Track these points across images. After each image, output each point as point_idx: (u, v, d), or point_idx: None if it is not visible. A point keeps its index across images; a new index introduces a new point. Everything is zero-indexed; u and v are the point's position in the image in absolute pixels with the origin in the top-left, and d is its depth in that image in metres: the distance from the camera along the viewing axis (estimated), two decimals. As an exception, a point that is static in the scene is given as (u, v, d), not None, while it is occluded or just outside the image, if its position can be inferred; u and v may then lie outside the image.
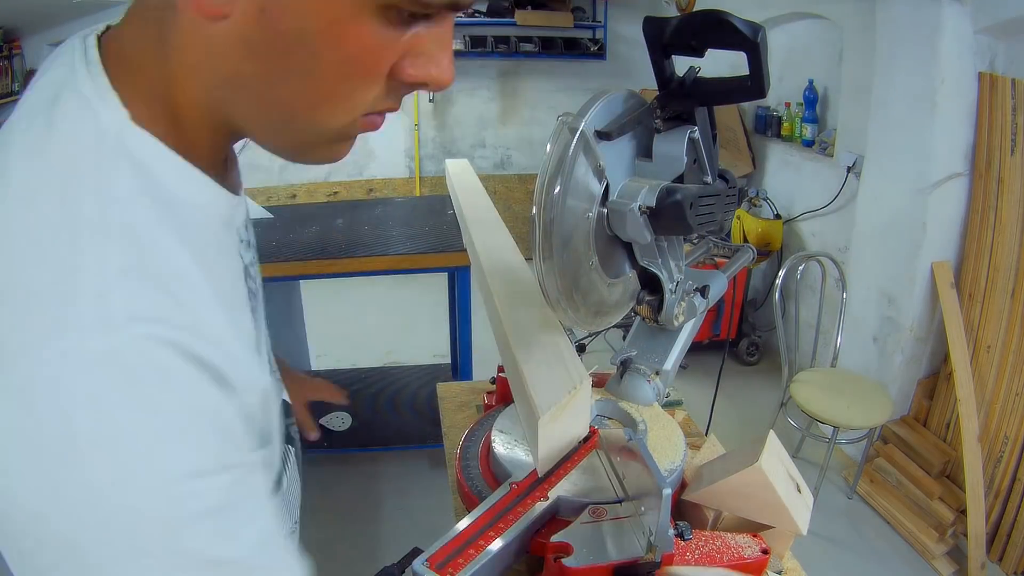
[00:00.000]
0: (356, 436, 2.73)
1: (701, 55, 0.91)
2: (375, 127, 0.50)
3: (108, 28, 0.49)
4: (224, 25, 0.41)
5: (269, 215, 2.70)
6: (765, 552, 0.85)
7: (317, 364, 3.35)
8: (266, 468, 0.55)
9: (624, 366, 1.12)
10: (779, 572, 0.91)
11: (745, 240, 3.39)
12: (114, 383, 0.38)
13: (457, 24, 4.63)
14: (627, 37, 4.78)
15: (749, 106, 3.77)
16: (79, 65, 0.45)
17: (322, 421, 2.78)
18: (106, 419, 0.37)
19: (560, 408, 0.85)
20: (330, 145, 0.50)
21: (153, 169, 0.45)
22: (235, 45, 0.42)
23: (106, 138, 0.43)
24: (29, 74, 4.42)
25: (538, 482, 0.87)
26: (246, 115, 0.47)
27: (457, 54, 4.59)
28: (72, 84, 0.45)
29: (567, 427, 0.89)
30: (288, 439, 0.73)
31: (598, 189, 0.90)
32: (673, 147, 0.94)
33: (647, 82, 3.72)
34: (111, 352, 0.38)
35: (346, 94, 0.45)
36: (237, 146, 0.57)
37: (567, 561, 0.77)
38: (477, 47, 4.62)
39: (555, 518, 0.88)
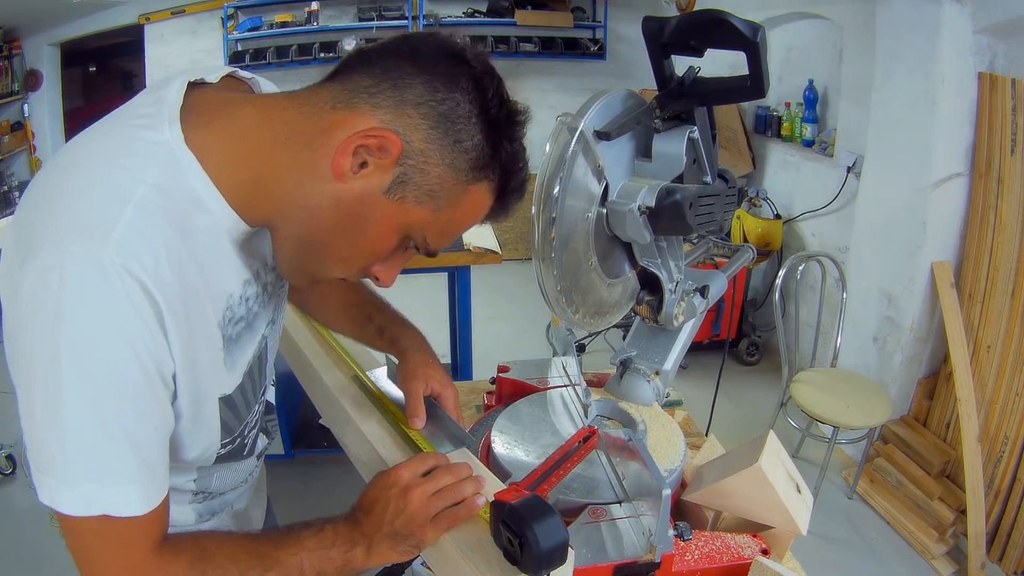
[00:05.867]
0: (356, 436, 2.73)
1: (701, 55, 0.91)
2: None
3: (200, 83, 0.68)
4: (334, 186, 0.63)
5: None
6: (765, 552, 0.85)
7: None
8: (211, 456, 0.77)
9: (624, 366, 1.12)
10: None
11: (745, 240, 3.39)
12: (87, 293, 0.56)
13: (457, 24, 4.64)
14: (627, 37, 4.78)
15: (749, 106, 3.77)
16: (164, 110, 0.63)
17: (322, 421, 2.78)
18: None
19: None
20: (308, 279, 0.73)
21: (193, 184, 0.62)
22: (330, 200, 0.64)
23: (171, 152, 0.61)
24: (29, 74, 4.41)
25: (538, 483, 0.87)
26: (293, 228, 0.67)
27: (457, 54, 4.62)
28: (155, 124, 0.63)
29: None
30: (266, 432, 0.94)
31: (597, 189, 0.90)
32: (672, 147, 0.94)
33: (647, 82, 3.72)
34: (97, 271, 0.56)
35: (347, 264, 0.70)
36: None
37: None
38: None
39: (555, 518, 0.88)
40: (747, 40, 0.83)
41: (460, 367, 2.60)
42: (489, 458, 1.01)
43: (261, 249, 0.74)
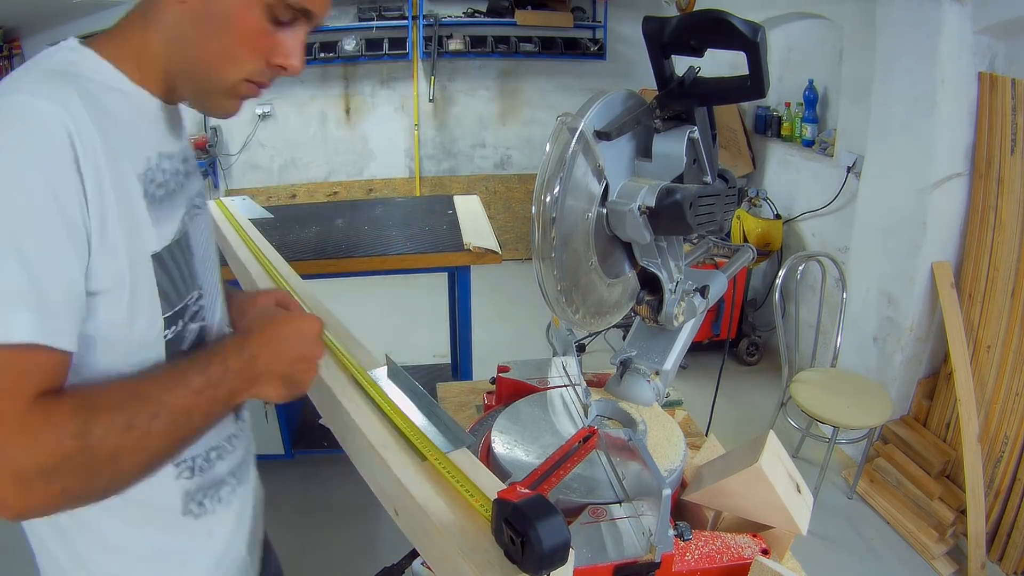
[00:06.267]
0: (356, 436, 2.73)
1: (701, 55, 0.91)
2: (255, 94, 0.76)
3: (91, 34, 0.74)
4: (184, 5, 0.70)
5: (269, 215, 2.69)
6: (765, 552, 0.85)
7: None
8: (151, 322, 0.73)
9: (624, 366, 1.12)
10: None
11: (745, 240, 3.39)
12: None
13: (457, 24, 4.63)
14: (627, 37, 4.78)
15: (749, 106, 3.77)
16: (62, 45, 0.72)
17: (322, 421, 2.78)
18: None
19: None
20: (223, 99, 0.76)
21: (95, 65, 0.71)
22: (187, 16, 0.70)
23: (69, 50, 0.71)
24: (29, 74, 4.42)
25: (538, 483, 0.87)
26: (178, 65, 0.73)
27: (457, 54, 4.61)
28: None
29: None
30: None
31: (598, 189, 0.90)
32: (673, 147, 0.94)
33: (647, 82, 3.72)
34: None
35: (235, 59, 0.72)
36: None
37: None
38: (477, 47, 4.62)
39: (555, 518, 0.88)
40: (747, 40, 0.83)
41: (460, 367, 2.60)
42: (489, 458, 1.01)
43: (168, 142, 0.78)
